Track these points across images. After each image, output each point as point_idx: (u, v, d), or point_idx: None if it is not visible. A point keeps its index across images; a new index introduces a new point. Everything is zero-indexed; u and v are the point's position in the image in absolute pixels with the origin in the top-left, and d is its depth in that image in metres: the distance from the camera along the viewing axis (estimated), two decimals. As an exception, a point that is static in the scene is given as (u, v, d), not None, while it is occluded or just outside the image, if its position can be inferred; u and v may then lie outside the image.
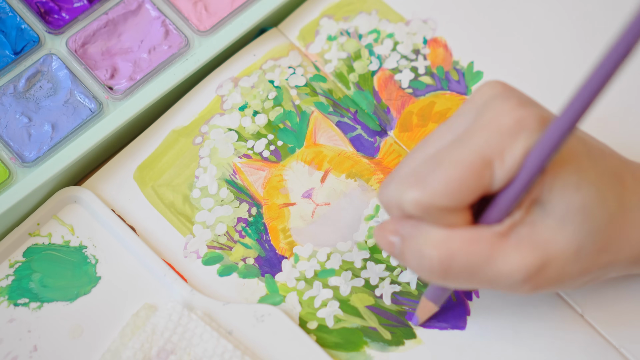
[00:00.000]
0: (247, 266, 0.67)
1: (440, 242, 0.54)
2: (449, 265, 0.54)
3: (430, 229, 0.54)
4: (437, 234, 0.54)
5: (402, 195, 0.53)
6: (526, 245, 0.53)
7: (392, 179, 0.55)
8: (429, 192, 0.52)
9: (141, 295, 0.66)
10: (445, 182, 0.52)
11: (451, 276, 0.54)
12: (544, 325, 0.65)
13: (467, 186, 0.52)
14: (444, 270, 0.54)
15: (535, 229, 0.53)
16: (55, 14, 0.74)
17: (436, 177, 0.52)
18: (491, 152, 0.52)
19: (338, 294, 0.66)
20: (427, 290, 0.63)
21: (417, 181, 0.53)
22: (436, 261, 0.54)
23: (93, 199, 0.68)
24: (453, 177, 0.52)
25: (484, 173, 0.52)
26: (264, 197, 0.70)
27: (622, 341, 0.64)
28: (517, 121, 0.52)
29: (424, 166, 0.54)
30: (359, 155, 0.71)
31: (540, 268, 0.53)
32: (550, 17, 0.75)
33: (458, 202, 0.53)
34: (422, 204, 0.53)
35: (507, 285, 0.54)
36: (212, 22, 0.74)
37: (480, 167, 0.52)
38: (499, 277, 0.53)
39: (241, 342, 0.64)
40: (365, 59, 0.74)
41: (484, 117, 0.53)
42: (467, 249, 0.53)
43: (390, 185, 0.55)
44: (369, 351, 0.65)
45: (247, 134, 0.71)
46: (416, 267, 0.55)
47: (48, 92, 0.71)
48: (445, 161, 0.53)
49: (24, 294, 0.66)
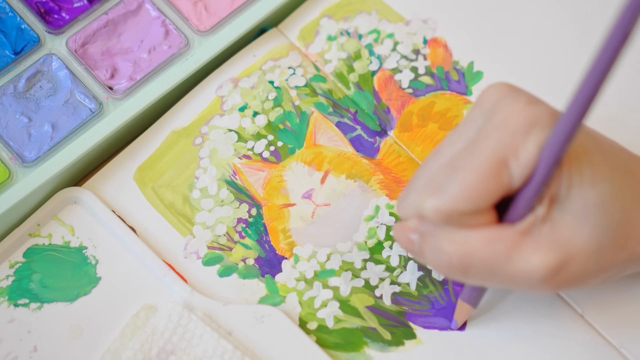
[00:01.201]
0: (247, 267, 0.67)
1: (460, 239, 0.54)
2: (468, 262, 0.54)
3: (452, 229, 0.54)
4: (457, 232, 0.54)
5: (422, 204, 0.54)
6: (546, 244, 0.53)
7: (409, 191, 0.56)
8: (448, 198, 0.53)
9: (141, 295, 0.66)
10: (463, 188, 0.52)
11: (470, 273, 0.54)
12: (544, 325, 0.65)
13: (486, 189, 0.52)
14: (463, 267, 0.54)
15: (555, 227, 0.53)
16: (55, 14, 0.74)
17: (454, 183, 0.53)
18: (505, 151, 0.52)
19: (338, 295, 0.66)
20: (462, 292, 0.63)
21: (435, 189, 0.53)
22: (455, 257, 0.54)
23: (93, 200, 0.68)
24: (471, 181, 0.52)
25: (501, 173, 0.52)
26: (264, 197, 0.70)
27: (622, 341, 0.64)
28: (528, 118, 0.52)
29: (441, 174, 0.54)
30: (359, 156, 0.71)
31: (561, 267, 0.53)
32: (549, 17, 0.75)
33: (478, 205, 0.53)
34: (442, 210, 0.53)
35: (527, 284, 0.54)
36: (212, 22, 0.74)
37: (497, 168, 0.52)
38: (519, 276, 0.53)
39: (241, 343, 0.64)
40: (365, 59, 0.74)
41: (495, 119, 0.53)
42: (486, 247, 0.53)
43: (408, 197, 0.55)
44: (369, 351, 0.65)
45: (247, 135, 0.71)
46: (435, 264, 0.56)
47: (48, 92, 0.71)
48: (461, 167, 0.53)
49: (24, 295, 0.66)
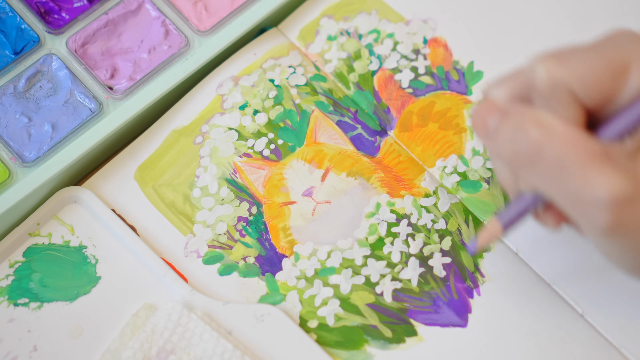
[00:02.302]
0: (247, 265, 0.67)
1: (547, 125, 0.52)
2: (542, 152, 0.51)
3: (543, 112, 0.53)
4: (546, 117, 0.52)
5: (539, 64, 0.52)
6: (626, 172, 0.50)
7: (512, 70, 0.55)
8: (567, 68, 0.52)
9: (141, 295, 0.66)
10: (586, 67, 0.51)
11: (538, 164, 0.52)
12: (544, 324, 0.65)
13: (603, 80, 0.51)
14: (534, 155, 0.52)
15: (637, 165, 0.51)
16: (55, 14, 0.74)
17: (579, 58, 0.52)
18: (633, 59, 0.51)
19: (338, 292, 0.66)
20: (500, 211, 0.59)
21: (559, 56, 0.52)
22: (532, 141, 0.52)
23: (93, 199, 0.68)
24: (595, 65, 0.51)
25: (620, 75, 0.52)
26: (264, 195, 0.70)
27: (622, 341, 0.64)
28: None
29: (567, 48, 0.53)
30: (360, 154, 0.71)
31: (629, 200, 0.50)
32: (549, 17, 0.75)
33: (588, 92, 0.52)
34: (557, 78, 0.52)
35: (589, 203, 0.51)
36: (212, 22, 0.74)
37: (620, 67, 0.51)
38: (586, 188, 0.50)
39: (241, 342, 0.64)
40: (365, 58, 0.75)
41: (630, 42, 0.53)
42: (567, 144, 0.51)
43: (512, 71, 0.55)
44: (370, 349, 0.64)
45: (247, 133, 0.71)
46: (506, 145, 0.53)
47: (48, 92, 0.71)
48: (591, 50, 0.52)
49: (24, 294, 0.66)
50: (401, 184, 0.70)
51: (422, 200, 0.69)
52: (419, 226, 0.68)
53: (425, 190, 0.70)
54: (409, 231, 0.68)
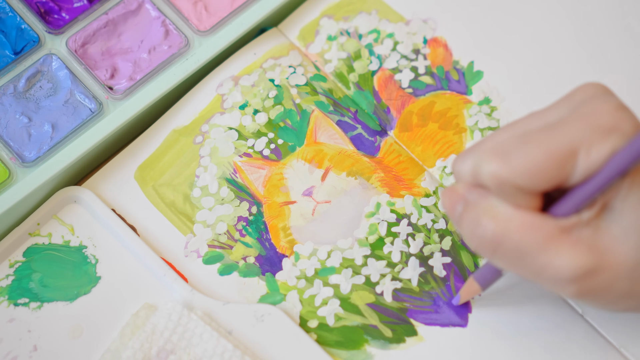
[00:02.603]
0: (247, 265, 0.67)
1: (501, 216, 0.53)
2: (501, 241, 0.53)
3: (496, 202, 0.54)
4: (500, 208, 0.54)
5: (482, 165, 0.53)
6: (584, 246, 0.52)
7: (472, 151, 0.55)
8: (510, 167, 0.52)
9: (141, 295, 0.66)
10: (528, 162, 0.52)
11: (500, 253, 0.54)
12: (544, 324, 0.65)
13: (548, 171, 0.52)
14: (495, 245, 0.54)
15: (597, 234, 0.53)
16: (55, 14, 0.74)
17: (521, 154, 0.52)
18: (580, 143, 0.52)
19: (338, 292, 0.66)
20: (477, 271, 0.63)
21: (500, 154, 0.53)
22: (490, 232, 0.54)
23: (93, 199, 0.68)
24: (538, 158, 0.52)
25: (567, 162, 0.52)
26: (264, 195, 0.70)
27: (622, 341, 0.64)
28: (613, 122, 0.52)
29: (510, 142, 0.53)
30: (360, 154, 0.71)
31: (591, 272, 0.52)
32: (549, 17, 0.75)
33: (534, 185, 0.52)
34: (500, 177, 0.52)
35: (552, 280, 0.53)
36: (212, 22, 0.74)
37: (566, 155, 0.52)
38: (547, 269, 0.53)
39: (241, 342, 0.64)
40: (365, 58, 0.75)
41: (582, 110, 0.53)
42: (523, 231, 0.53)
43: (470, 155, 0.55)
44: (370, 349, 0.64)
45: (247, 133, 0.71)
46: (469, 236, 0.55)
47: (48, 92, 0.71)
48: (534, 141, 0.52)
49: (24, 294, 0.66)
50: (401, 183, 0.70)
51: (422, 200, 0.69)
52: (419, 226, 0.68)
53: (425, 190, 0.70)
54: (409, 231, 0.68)
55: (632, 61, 0.74)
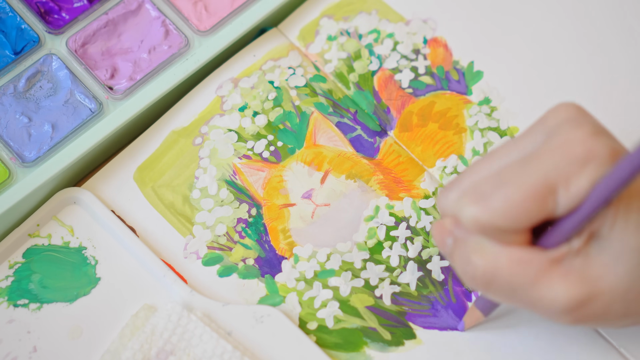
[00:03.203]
0: (247, 267, 0.67)
1: (490, 254, 0.53)
2: (492, 278, 0.53)
3: (484, 240, 0.54)
4: (488, 246, 0.53)
5: (462, 209, 0.53)
6: (575, 277, 0.52)
7: (452, 188, 0.55)
8: (489, 211, 0.52)
9: (141, 296, 0.66)
10: (506, 204, 0.51)
11: (492, 289, 0.54)
12: (543, 325, 0.65)
13: (529, 210, 0.51)
14: (486, 282, 0.54)
15: (587, 262, 0.52)
16: (55, 14, 0.74)
17: (498, 197, 0.52)
18: (557, 178, 0.51)
19: (338, 295, 0.66)
20: (477, 299, 0.63)
21: (478, 198, 0.53)
22: (480, 271, 0.54)
23: (93, 200, 0.68)
24: (515, 199, 0.51)
25: (547, 199, 0.51)
26: (263, 197, 0.70)
27: (622, 341, 0.64)
28: (587, 151, 0.51)
29: (487, 183, 0.53)
30: (359, 156, 0.71)
31: (585, 302, 0.52)
32: (549, 17, 0.75)
33: (517, 225, 0.52)
34: (480, 222, 0.52)
35: (547, 312, 0.54)
36: (212, 22, 0.74)
37: (544, 192, 0.51)
38: (540, 302, 0.53)
39: (240, 343, 0.64)
40: (365, 59, 0.74)
41: (554, 141, 0.52)
42: (513, 267, 0.53)
43: (450, 194, 0.54)
44: (369, 351, 0.64)
45: (247, 135, 0.71)
46: (460, 272, 0.55)
47: (48, 92, 0.71)
48: (509, 182, 0.52)
49: (24, 295, 0.66)
50: (400, 185, 0.70)
51: (422, 202, 0.69)
52: (418, 229, 0.68)
53: (425, 191, 0.70)
54: (408, 234, 0.68)
55: (632, 61, 0.74)
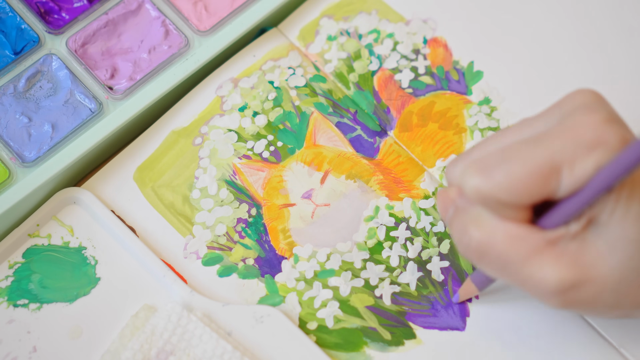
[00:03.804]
0: (246, 267, 0.67)
1: (487, 226, 0.54)
2: (486, 250, 0.54)
3: (483, 212, 0.54)
4: (486, 218, 0.54)
5: (466, 179, 0.53)
6: (568, 260, 0.52)
7: (461, 159, 0.55)
8: (491, 183, 0.52)
9: (140, 296, 0.66)
10: (509, 178, 0.52)
11: (485, 261, 0.54)
12: (543, 325, 0.65)
13: (531, 187, 0.52)
14: (480, 253, 0.54)
15: (583, 247, 0.53)
16: (55, 14, 0.74)
17: (502, 170, 0.52)
18: (563, 159, 0.51)
19: (338, 295, 0.66)
20: (473, 273, 0.64)
21: (483, 169, 0.53)
22: (475, 242, 0.54)
23: (93, 200, 0.68)
24: (519, 174, 0.52)
25: (550, 178, 0.51)
26: (263, 197, 0.70)
27: (622, 341, 0.64)
28: (598, 136, 0.51)
29: (494, 156, 0.53)
30: (359, 156, 0.71)
31: (574, 286, 0.52)
32: (549, 17, 0.75)
33: (518, 200, 0.52)
34: (482, 193, 0.52)
35: (536, 291, 0.54)
36: (212, 22, 0.74)
37: (548, 171, 0.51)
38: (530, 280, 0.53)
39: (240, 343, 0.64)
40: (365, 59, 0.74)
41: (566, 124, 0.52)
42: (508, 242, 0.53)
43: (458, 164, 0.55)
44: (369, 351, 0.64)
45: (246, 135, 0.71)
46: (457, 240, 0.56)
47: (48, 92, 0.71)
48: (516, 156, 0.52)
49: (24, 295, 0.66)
50: (400, 186, 0.70)
51: (421, 202, 0.69)
52: (418, 230, 0.68)
53: (425, 191, 0.70)
54: (408, 235, 0.68)
55: (632, 61, 0.74)
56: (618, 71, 0.73)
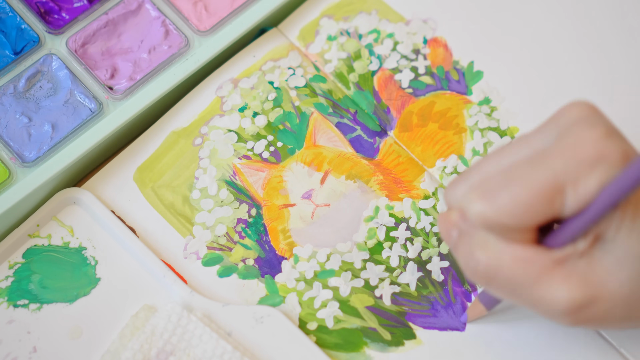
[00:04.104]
0: (246, 267, 0.67)
1: (493, 250, 0.53)
2: (494, 274, 0.53)
3: (489, 236, 0.53)
4: (492, 242, 0.53)
5: (469, 204, 0.53)
6: (577, 279, 0.52)
7: (460, 182, 0.54)
8: (495, 208, 0.52)
9: (140, 296, 0.66)
10: (513, 202, 0.51)
11: (494, 285, 0.54)
12: (543, 325, 0.65)
13: (535, 209, 0.51)
14: (488, 277, 0.54)
15: (591, 265, 0.52)
16: (55, 14, 0.74)
17: (506, 194, 0.51)
18: (566, 178, 0.51)
19: (338, 295, 0.66)
20: (480, 293, 0.63)
21: (485, 194, 0.52)
22: (482, 266, 0.53)
23: (93, 200, 0.68)
24: (523, 198, 0.51)
25: (554, 199, 0.51)
26: (263, 198, 0.70)
27: (622, 341, 0.64)
28: (598, 152, 0.51)
29: (496, 179, 0.53)
30: (359, 157, 0.71)
31: (585, 305, 0.52)
32: (549, 17, 0.75)
33: (523, 224, 0.52)
34: (486, 218, 0.52)
35: (547, 312, 0.53)
36: (212, 22, 0.74)
37: (552, 192, 0.51)
38: (541, 302, 0.53)
39: (240, 344, 0.64)
40: (365, 59, 0.74)
41: (566, 141, 0.52)
42: (516, 265, 0.53)
43: (458, 188, 0.54)
44: (369, 352, 0.64)
45: (246, 135, 0.71)
46: (463, 265, 0.55)
47: (48, 92, 0.71)
48: (518, 180, 0.52)
49: (24, 295, 0.66)
50: (400, 186, 0.70)
51: (421, 202, 0.69)
52: (418, 230, 0.68)
53: (425, 191, 0.70)
54: (408, 235, 0.68)
55: (632, 61, 0.74)
56: (618, 71, 0.73)
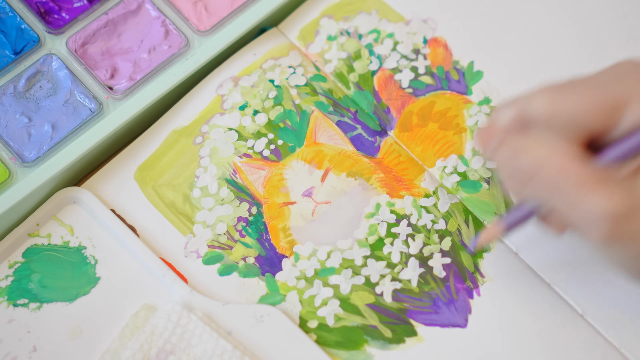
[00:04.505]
0: (247, 265, 0.67)
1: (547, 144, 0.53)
2: (539, 169, 0.53)
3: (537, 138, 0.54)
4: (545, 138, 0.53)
5: (534, 99, 0.54)
6: (623, 189, 0.51)
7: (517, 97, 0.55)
8: (566, 101, 0.53)
9: (140, 295, 0.66)
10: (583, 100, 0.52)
11: (534, 182, 0.53)
12: (544, 325, 0.65)
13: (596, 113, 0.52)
14: (530, 174, 0.53)
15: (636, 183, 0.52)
16: (55, 14, 0.74)
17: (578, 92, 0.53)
18: (629, 97, 0.52)
19: (338, 293, 0.66)
20: (506, 214, 0.61)
21: (554, 88, 0.53)
22: (530, 161, 0.53)
23: (92, 200, 0.68)
24: (592, 99, 0.52)
25: (614, 110, 0.52)
26: (264, 196, 0.70)
27: (622, 341, 0.64)
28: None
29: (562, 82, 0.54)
30: (360, 155, 0.71)
31: (627, 213, 0.51)
32: (549, 17, 0.75)
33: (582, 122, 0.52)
34: (554, 109, 0.53)
35: (585, 217, 0.52)
36: (212, 22, 0.74)
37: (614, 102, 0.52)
38: (582, 204, 0.52)
39: (240, 343, 0.64)
40: (365, 58, 0.74)
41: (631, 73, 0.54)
42: (566, 162, 0.52)
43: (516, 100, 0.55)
44: (370, 349, 0.64)
45: (247, 134, 0.71)
46: (503, 165, 0.55)
47: (48, 92, 0.71)
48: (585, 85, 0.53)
49: (24, 295, 0.66)
50: (401, 184, 0.70)
51: (422, 200, 0.69)
52: (419, 226, 0.68)
53: (425, 190, 0.70)
54: (409, 231, 0.68)
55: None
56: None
